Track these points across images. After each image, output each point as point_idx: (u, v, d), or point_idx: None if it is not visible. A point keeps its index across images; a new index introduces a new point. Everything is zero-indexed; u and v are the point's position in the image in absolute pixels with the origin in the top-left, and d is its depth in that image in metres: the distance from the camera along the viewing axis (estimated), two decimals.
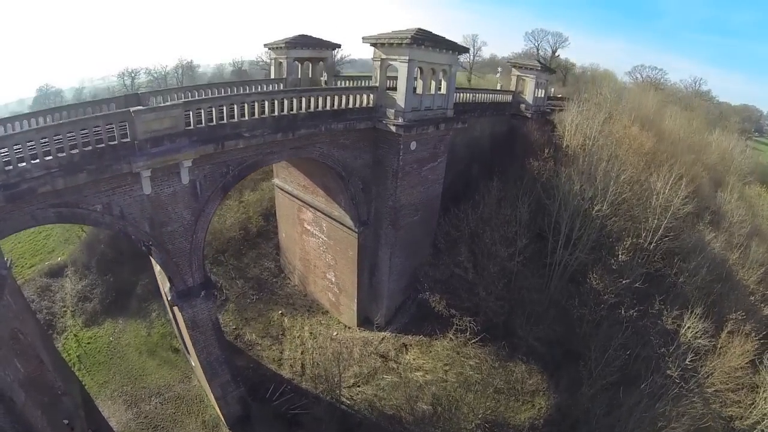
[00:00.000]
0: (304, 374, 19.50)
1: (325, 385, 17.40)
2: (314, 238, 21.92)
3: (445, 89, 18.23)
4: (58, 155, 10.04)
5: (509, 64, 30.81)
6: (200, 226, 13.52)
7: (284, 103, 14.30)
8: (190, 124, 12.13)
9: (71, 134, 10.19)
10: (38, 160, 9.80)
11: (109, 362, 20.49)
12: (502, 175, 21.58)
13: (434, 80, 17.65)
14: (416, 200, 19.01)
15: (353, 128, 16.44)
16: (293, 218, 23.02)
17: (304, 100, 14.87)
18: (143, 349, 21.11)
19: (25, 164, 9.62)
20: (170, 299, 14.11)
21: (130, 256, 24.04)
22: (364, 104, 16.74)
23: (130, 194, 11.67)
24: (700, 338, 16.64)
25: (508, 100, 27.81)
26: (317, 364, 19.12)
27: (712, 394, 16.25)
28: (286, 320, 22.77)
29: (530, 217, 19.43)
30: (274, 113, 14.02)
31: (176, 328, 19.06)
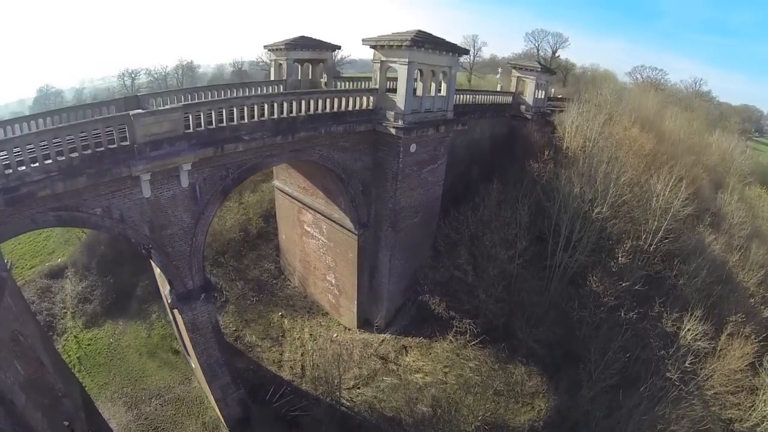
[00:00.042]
0: (304, 376, 19.51)
1: (325, 386, 17.40)
2: (314, 239, 21.92)
3: (445, 91, 18.21)
4: (57, 159, 10.02)
5: (509, 65, 30.80)
6: (200, 229, 13.52)
7: (284, 105, 14.27)
8: (189, 127, 12.12)
9: (71, 138, 10.18)
10: (38, 163, 9.77)
11: (109, 364, 20.51)
12: (502, 177, 21.57)
13: (434, 82, 17.62)
14: (416, 202, 19.01)
15: (353, 131, 16.42)
16: (293, 220, 23.02)
17: (303, 102, 14.84)
18: (143, 350, 21.12)
19: (24, 168, 9.61)
20: (170, 302, 14.11)
21: (130, 257, 24.04)
22: (363, 106, 16.72)
23: (129, 197, 11.67)
24: (699, 341, 16.65)
25: (508, 101, 27.79)
26: (317, 365, 19.11)
27: (711, 396, 16.25)
28: (286, 322, 22.78)
29: (530, 219, 19.42)
30: (273, 116, 14.00)
31: (176, 329, 19.09)
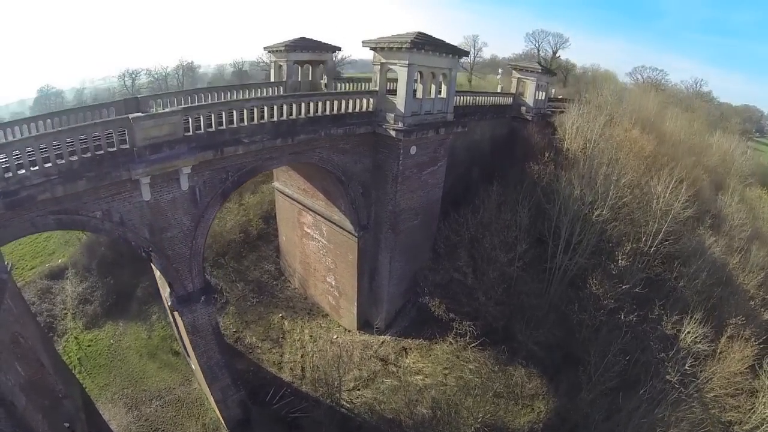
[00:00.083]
0: (304, 377, 19.53)
1: (325, 388, 17.41)
2: (314, 241, 21.92)
3: (445, 93, 18.19)
4: (57, 162, 10.05)
5: (510, 66, 30.76)
6: (200, 231, 13.53)
7: (283, 108, 14.27)
8: (189, 130, 12.13)
9: (70, 141, 10.20)
10: (37, 167, 9.80)
11: (109, 365, 20.54)
12: (502, 179, 21.57)
13: (434, 84, 17.61)
14: (416, 204, 19.00)
15: (353, 133, 16.41)
16: (293, 221, 23.03)
17: (303, 105, 14.83)
18: (144, 351, 21.15)
19: (24, 171, 9.62)
20: (170, 304, 14.14)
21: (130, 258, 24.06)
22: (363, 108, 16.71)
23: (129, 201, 11.68)
24: (699, 343, 16.63)
25: (508, 102, 27.77)
26: (317, 367, 19.13)
27: (711, 399, 16.24)
28: (286, 323, 22.80)
29: (530, 221, 19.40)
30: (273, 119, 14.01)
31: (176, 331, 19.11)
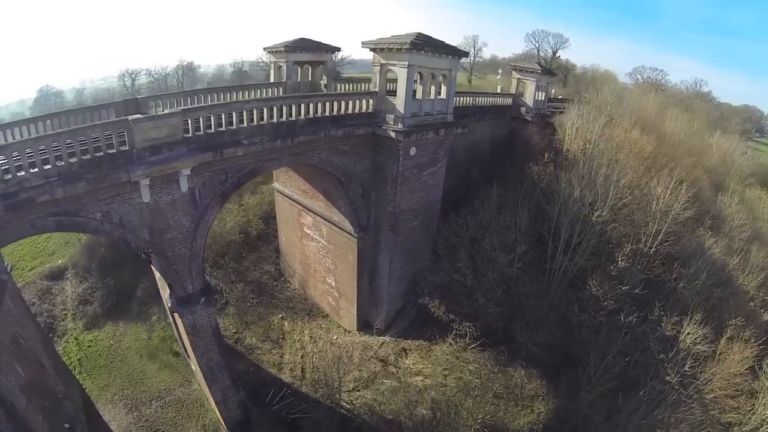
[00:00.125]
0: (304, 378, 19.54)
1: (324, 389, 17.43)
2: (314, 242, 21.93)
3: (445, 94, 18.19)
4: (56, 164, 10.06)
5: (510, 66, 30.74)
6: (200, 233, 13.53)
7: (283, 109, 14.27)
8: (188, 131, 12.13)
9: (70, 143, 10.20)
10: (37, 169, 9.80)
11: (109, 366, 20.53)
12: (501, 179, 21.58)
13: (434, 85, 17.60)
14: (416, 205, 19.00)
15: (352, 134, 16.42)
16: (293, 222, 23.03)
17: (303, 106, 14.83)
18: (144, 352, 21.15)
19: (23, 173, 9.63)
20: (170, 306, 14.15)
21: (130, 259, 24.05)
22: (363, 110, 16.71)
23: (129, 202, 11.68)
24: (699, 344, 16.63)
25: (508, 103, 27.75)
26: (317, 368, 19.16)
27: (711, 400, 16.23)
28: (286, 324, 22.81)
29: (530, 222, 19.41)
30: (272, 120, 14.01)
31: (176, 332, 19.12)
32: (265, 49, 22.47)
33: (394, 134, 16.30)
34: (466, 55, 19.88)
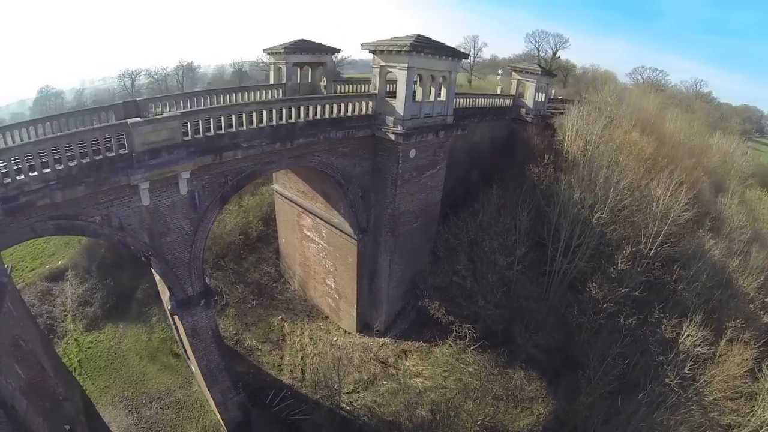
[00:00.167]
0: (304, 380, 19.55)
1: (324, 390, 17.46)
2: (314, 244, 21.93)
3: (444, 96, 18.17)
4: (56, 168, 10.06)
5: (510, 67, 30.71)
6: (199, 235, 13.54)
7: (282, 112, 14.27)
8: (188, 134, 12.13)
9: (69, 146, 10.21)
10: (36, 172, 9.81)
11: (109, 367, 20.53)
12: (501, 181, 21.55)
13: (434, 87, 17.58)
14: (415, 207, 19.00)
15: (352, 136, 16.41)
16: (293, 224, 23.03)
17: (302, 108, 14.83)
18: (144, 353, 21.15)
19: (23, 177, 9.64)
20: (170, 308, 14.15)
21: (130, 260, 24.04)
22: (363, 112, 16.69)
23: (128, 206, 11.69)
24: (699, 346, 16.67)
25: (508, 104, 27.72)
26: (317, 369, 19.16)
27: (710, 402, 16.26)
28: (286, 325, 22.82)
29: (530, 225, 19.41)
30: (272, 122, 14.00)
31: (176, 334, 19.14)
32: (264, 50, 22.45)
33: (393, 136, 16.29)
34: (465, 56, 19.86)
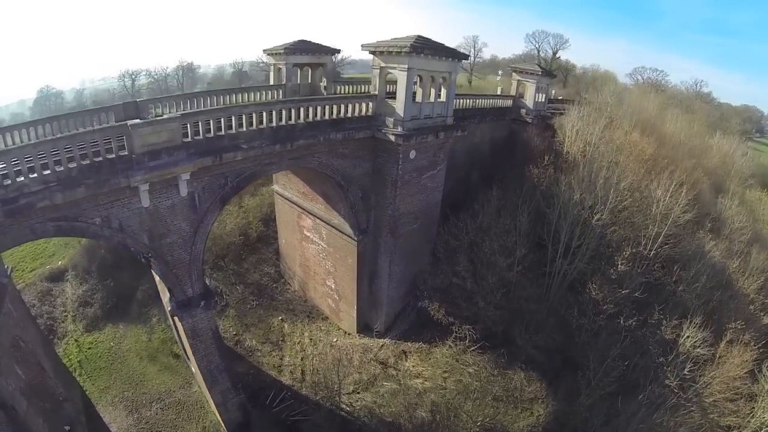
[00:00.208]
0: (304, 381, 19.56)
1: (324, 391, 17.48)
2: (314, 244, 21.93)
3: (444, 96, 18.16)
4: (56, 169, 10.06)
5: (510, 68, 30.70)
6: (199, 237, 13.54)
7: (282, 113, 14.25)
8: (187, 136, 12.13)
9: (69, 148, 10.21)
10: (36, 174, 9.80)
11: (110, 368, 20.53)
12: (501, 182, 21.54)
13: (434, 88, 17.57)
14: (415, 208, 19.00)
15: (352, 138, 16.40)
16: (293, 225, 23.03)
17: (302, 110, 14.82)
18: (144, 354, 21.16)
19: (23, 179, 9.63)
20: (170, 309, 14.15)
21: (130, 260, 23.97)
22: (363, 113, 16.68)
23: (128, 207, 11.69)
24: (698, 348, 16.66)
25: (508, 105, 27.70)
26: (317, 370, 19.19)
27: (710, 403, 16.25)
28: (286, 326, 22.82)
29: (530, 226, 19.40)
30: (272, 124, 13.99)
31: (176, 335, 19.15)
32: (264, 51, 22.44)
33: (393, 138, 16.28)
34: (466, 57, 19.84)
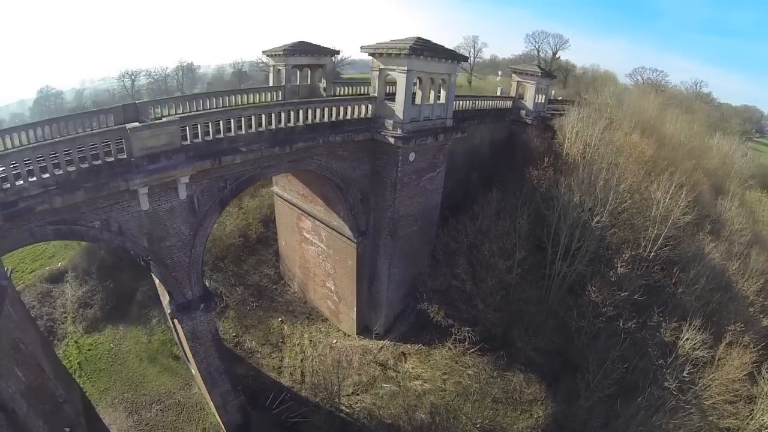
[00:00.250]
0: (303, 382, 19.58)
1: (324, 393, 17.49)
2: (313, 246, 21.93)
3: (444, 98, 18.14)
4: (55, 173, 10.06)
5: (510, 69, 30.67)
6: (198, 240, 13.54)
7: (281, 116, 14.24)
8: (186, 139, 12.12)
9: (68, 151, 10.20)
10: (35, 177, 9.81)
11: (109, 369, 20.55)
12: (501, 184, 21.51)
13: (433, 89, 17.55)
14: (415, 210, 18.99)
15: (351, 140, 16.38)
16: (292, 226, 23.04)
17: (301, 112, 14.80)
18: (144, 356, 21.18)
19: (22, 182, 9.64)
20: (170, 312, 14.16)
21: (130, 262, 23.94)
22: (362, 115, 16.67)
23: (127, 210, 11.69)
24: (698, 350, 16.65)
25: (508, 106, 27.66)
26: (317, 372, 19.20)
27: (709, 406, 16.24)
28: (285, 328, 22.83)
29: (529, 228, 19.38)
30: (271, 126, 13.98)
31: (176, 336, 19.16)
32: (264, 52, 22.45)
33: (393, 140, 16.27)
34: (465, 59, 19.83)
